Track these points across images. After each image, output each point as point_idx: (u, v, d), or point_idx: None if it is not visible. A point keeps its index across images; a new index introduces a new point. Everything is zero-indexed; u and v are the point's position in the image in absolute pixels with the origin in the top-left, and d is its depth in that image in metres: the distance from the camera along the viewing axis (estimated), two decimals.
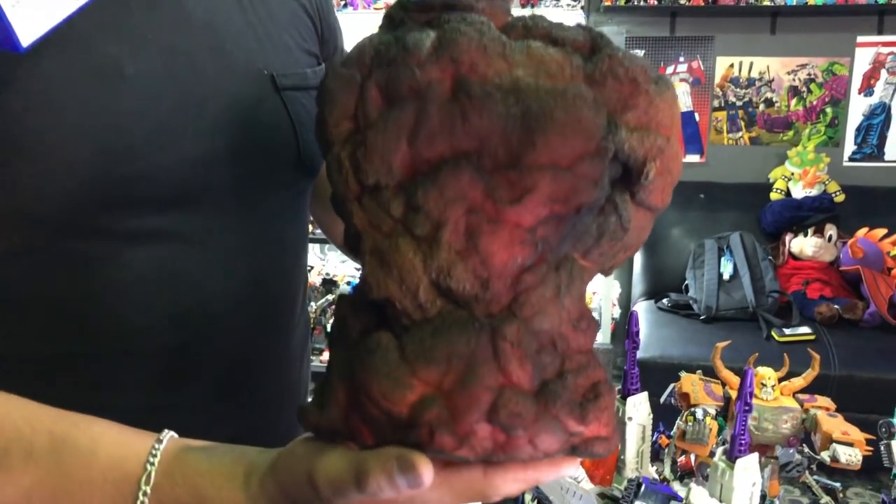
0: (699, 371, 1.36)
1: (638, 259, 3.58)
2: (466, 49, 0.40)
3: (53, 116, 0.57)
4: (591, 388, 0.46)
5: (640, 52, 3.58)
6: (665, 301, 3.33)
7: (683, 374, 1.32)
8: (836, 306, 3.09)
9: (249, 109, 0.70)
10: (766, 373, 1.29)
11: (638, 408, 1.15)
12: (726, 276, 3.25)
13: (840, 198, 3.46)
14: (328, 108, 0.46)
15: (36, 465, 0.53)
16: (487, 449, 0.45)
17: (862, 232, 3.23)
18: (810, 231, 3.33)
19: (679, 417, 1.21)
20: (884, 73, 3.48)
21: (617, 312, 3.60)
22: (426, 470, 0.43)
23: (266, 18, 0.73)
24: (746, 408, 1.02)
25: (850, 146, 3.58)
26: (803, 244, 3.31)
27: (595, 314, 3.57)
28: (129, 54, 0.60)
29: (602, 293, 3.51)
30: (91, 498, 0.53)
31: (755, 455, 1.06)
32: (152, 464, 0.52)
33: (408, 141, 0.41)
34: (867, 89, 3.51)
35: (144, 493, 0.51)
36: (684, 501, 1.04)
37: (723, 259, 3.30)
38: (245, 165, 0.69)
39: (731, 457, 1.03)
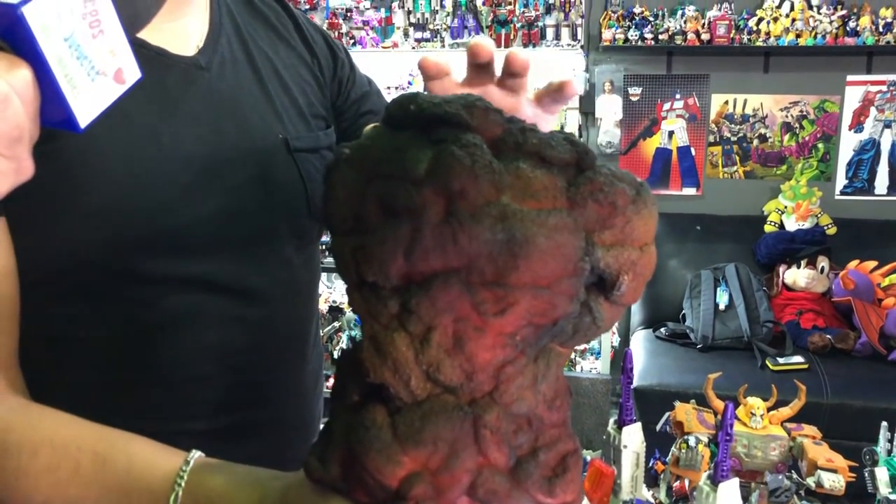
0: (693, 400, 1.40)
1: None
2: (458, 176, 0.44)
3: (98, 172, 0.65)
4: (560, 462, 0.50)
5: (637, 90, 3.63)
6: (663, 330, 3.35)
7: (678, 404, 1.36)
8: (828, 336, 3.11)
9: (266, 169, 0.78)
10: (756, 402, 1.33)
11: (632, 437, 1.21)
12: (722, 307, 3.27)
13: (832, 230, 3.48)
14: (332, 205, 0.51)
15: (81, 479, 0.59)
16: None
17: (853, 264, 3.25)
18: (803, 263, 3.34)
19: (674, 445, 1.25)
20: (873, 111, 3.51)
21: (616, 341, 3.63)
22: None
23: (280, 90, 0.82)
24: (728, 437, 1.07)
25: (841, 181, 3.60)
26: (796, 275, 3.33)
27: (594, 343, 3.60)
28: (165, 125, 0.69)
29: None
30: None
31: (736, 480, 1.10)
32: (180, 485, 0.57)
33: (404, 254, 0.45)
34: (857, 126, 3.54)
35: None
36: None
37: (718, 290, 3.32)
38: (262, 219, 0.76)
39: (715, 481, 1.08)
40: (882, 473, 1.33)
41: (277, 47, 0.85)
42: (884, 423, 1.42)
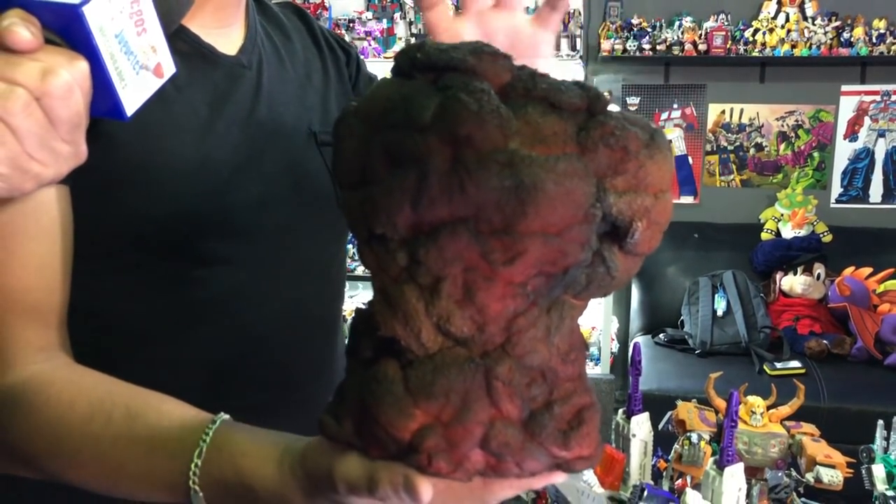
0: (693, 401, 1.41)
1: (635, 296, 3.60)
2: (465, 122, 0.43)
3: (155, 153, 0.68)
4: (575, 416, 0.49)
5: (635, 100, 3.64)
6: (662, 336, 3.35)
7: (680, 403, 1.37)
8: (825, 341, 3.11)
9: (297, 161, 0.82)
10: (756, 401, 1.34)
11: (641, 426, 1.24)
12: (720, 313, 3.27)
13: (828, 238, 3.48)
14: (338, 157, 0.50)
15: (112, 431, 0.61)
16: (480, 471, 0.49)
17: (848, 271, 3.25)
18: (800, 270, 3.35)
19: (676, 442, 1.27)
20: (867, 120, 3.52)
21: (616, 347, 3.62)
22: (426, 491, 0.47)
23: (308, 87, 0.88)
24: (732, 424, 1.09)
25: (836, 189, 3.61)
26: (793, 282, 3.33)
27: (594, 349, 3.59)
28: (217, 115, 0.74)
29: (601, 328, 3.53)
30: (154, 463, 0.60)
31: (741, 464, 1.12)
32: (205, 441, 0.58)
33: (410, 204, 0.44)
34: (852, 135, 3.55)
35: (196, 465, 0.58)
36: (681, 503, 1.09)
37: (716, 296, 3.32)
38: (294, 206, 0.80)
39: (721, 465, 1.10)
40: (879, 470, 1.34)
41: (299, 49, 0.91)
42: (880, 422, 1.43)
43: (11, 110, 0.48)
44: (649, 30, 3.51)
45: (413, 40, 3.64)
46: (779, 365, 3.00)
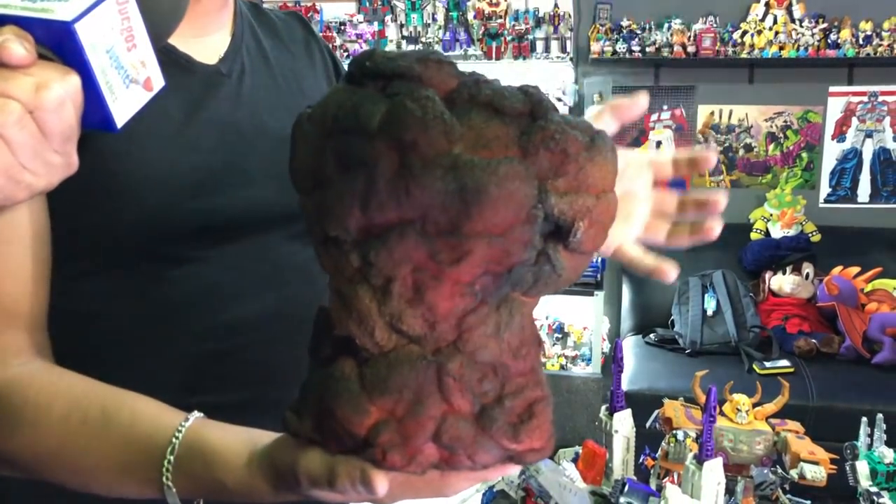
0: (681, 399, 1.42)
1: (626, 296, 3.61)
2: (410, 128, 0.45)
3: (131, 162, 0.70)
4: (526, 409, 0.51)
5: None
6: (652, 336, 3.35)
7: (667, 401, 1.38)
8: (813, 340, 3.12)
9: (280, 165, 0.83)
10: (741, 399, 1.35)
11: (623, 422, 1.24)
12: (710, 312, 3.27)
13: (816, 238, 3.49)
14: (294, 161, 0.52)
15: (88, 429, 0.63)
16: (433, 464, 0.50)
17: (837, 270, 3.26)
18: (789, 269, 3.35)
19: (663, 440, 1.27)
20: (854, 121, 3.52)
21: (607, 347, 3.63)
22: (380, 484, 0.49)
23: (297, 92, 0.89)
24: (711, 419, 1.10)
25: (825, 189, 3.61)
26: (782, 282, 3.34)
27: (586, 349, 3.60)
28: (191, 122, 0.75)
29: (592, 328, 3.54)
30: (128, 459, 0.62)
31: (720, 458, 1.13)
32: (177, 438, 0.61)
33: (360, 207, 0.46)
34: (840, 135, 3.55)
35: (169, 462, 0.60)
36: (661, 497, 1.10)
37: (706, 296, 3.33)
38: (278, 207, 0.81)
39: (700, 460, 1.11)
40: (862, 467, 1.35)
41: (292, 56, 0.93)
42: (864, 419, 1.44)
43: (6, 123, 0.50)
44: (639, 32, 3.51)
45: (404, 42, 3.66)
46: (768, 364, 3.00)
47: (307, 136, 0.50)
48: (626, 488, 1.13)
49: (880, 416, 1.43)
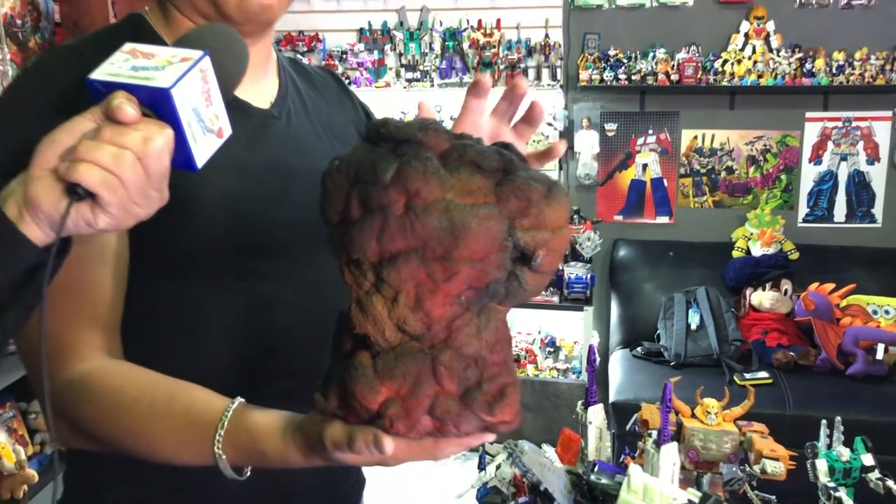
0: (657, 404, 1.57)
1: (614, 311, 3.74)
2: (414, 180, 0.61)
3: (201, 190, 0.85)
4: (499, 391, 0.66)
5: (613, 126, 3.81)
6: (639, 349, 3.46)
7: (644, 405, 1.53)
8: (791, 353, 3.23)
9: (318, 197, 0.99)
10: (711, 403, 1.49)
11: (596, 415, 1.39)
12: (693, 327, 3.40)
13: (795, 255, 3.61)
14: (326, 203, 0.68)
15: (155, 409, 0.78)
16: (429, 432, 0.66)
17: (813, 286, 3.37)
18: (768, 286, 3.47)
19: (640, 440, 1.41)
20: (830, 145, 3.67)
21: (597, 361, 3.76)
22: (388, 445, 0.64)
23: (330, 135, 1.05)
24: (667, 409, 1.26)
25: (803, 209, 3.75)
26: (762, 297, 3.46)
27: (577, 362, 3.74)
28: (249, 157, 0.90)
29: (583, 342, 3.68)
30: (187, 434, 0.77)
31: (675, 444, 1.28)
32: (226, 416, 0.76)
33: (376, 238, 0.61)
34: (816, 158, 3.70)
35: (220, 435, 0.75)
36: (626, 475, 1.25)
37: (690, 311, 3.45)
38: (317, 231, 0.93)
39: (658, 444, 1.26)
40: (822, 465, 1.48)
41: (326, 104, 1.09)
42: (823, 421, 1.57)
43: (123, 167, 0.63)
44: (625, 61, 3.65)
45: (402, 70, 3.82)
46: (748, 375, 3.12)
47: (336, 183, 0.66)
48: (597, 468, 1.29)
49: (838, 418, 1.56)
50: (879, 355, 3.12)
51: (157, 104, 0.66)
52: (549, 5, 3.71)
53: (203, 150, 0.71)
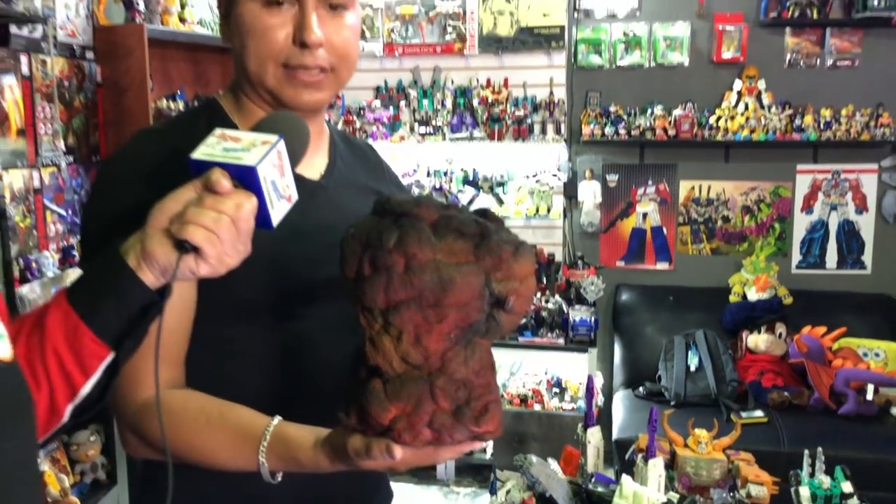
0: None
1: (617, 353, 3.88)
2: (411, 246, 0.78)
3: (260, 247, 0.96)
4: (484, 407, 0.83)
5: (614, 177, 3.99)
6: (641, 389, 3.60)
7: (641, 435, 1.68)
8: (786, 393, 3.35)
9: None
10: (701, 433, 1.66)
11: (594, 435, 1.59)
12: (692, 368, 3.52)
13: (789, 300, 3.73)
14: (344, 263, 0.85)
15: (210, 426, 0.96)
16: (429, 441, 0.83)
17: (806, 329, 3.48)
18: (763, 329, 3.60)
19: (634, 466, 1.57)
20: (820, 196, 3.82)
21: (601, 401, 3.89)
22: (398, 452, 0.82)
23: (369, 203, 1.19)
24: (653, 429, 1.46)
25: (796, 256, 3.89)
26: (758, 340, 3.58)
27: (582, 402, 3.87)
28: (300, 220, 1.02)
29: (587, 384, 3.80)
30: (237, 446, 0.95)
31: (661, 458, 1.45)
32: (268, 431, 0.93)
33: (384, 291, 0.79)
34: (808, 208, 3.84)
35: (263, 447, 0.93)
36: (618, 485, 1.42)
37: (689, 353, 3.58)
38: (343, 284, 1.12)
39: (646, 458, 1.45)
40: (805, 491, 1.63)
41: (370, 174, 1.26)
42: (806, 451, 1.71)
43: (221, 228, 0.80)
44: (625, 117, 3.82)
45: (416, 125, 4.02)
46: (744, 414, 3.24)
47: (351, 247, 0.84)
48: (594, 479, 1.47)
49: (819, 449, 1.70)
50: (870, 395, 3.24)
51: (245, 178, 0.83)
52: (554, 65, 3.91)
53: (278, 213, 0.87)
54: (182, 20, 3.36)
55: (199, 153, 0.84)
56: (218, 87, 3.91)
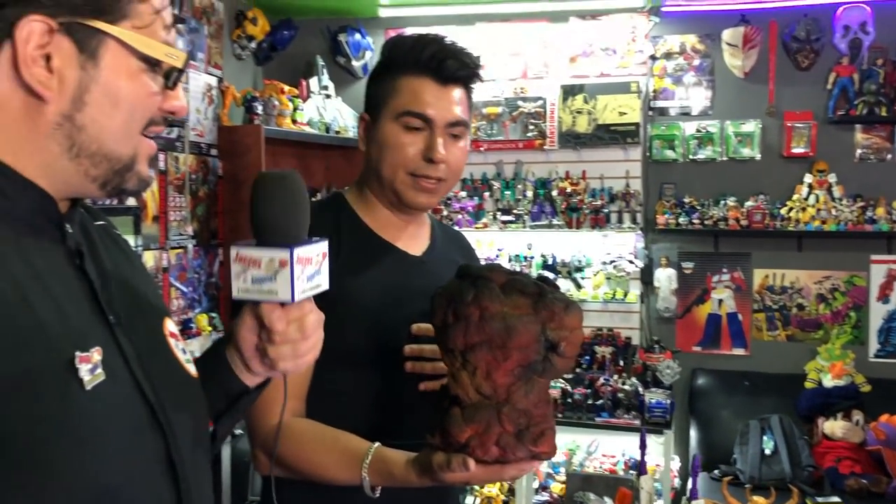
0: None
1: (693, 436, 3.93)
2: (485, 300, 1.02)
3: (368, 304, 1.28)
4: (540, 433, 1.04)
5: (690, 265, 4.11)
6: (716, 472, 3.63)
7: (704, 499, 1.84)
8: (864, 481, 3.34)
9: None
10: (759, 499, 1.80)
11: (646, 482, 1.75)
12: (767, 452, 3.55)
13: (866, 388, 3.73)
14: (433, 315, 1.08)
15: (324, 448, 1.20)
16: (496, 458, 1.04)
17: (884, 417, 3.47)
18: (839, 415, 3.61)
19: None
20: None
21: (677, 483, 3.92)
22: (472, 465, 1.03)
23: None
24: (695, 472, 1.57)
25: (874, 345, 3.89)
26: (834, 426, 3.59)
27: (657, 484, 3.92)
28: (402, 286, 1.35)
29: (664, 466, 3.85)
30: (345, 464, 1.18)
31: (703, 500, 1.59)
32: (370, 452, 1.16)
33: (463, 336, 1.02)
34: (884, 297, 3.87)
35: (366, 465, 1.15)
36: None
37: (765, 437, 3.62)
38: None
39: (690, 500, 1.58)
40: None
41: (460, 253, 1.52)
42: None
43: (298, 352, 0.93)
44: (699, 207, 3.97)
45: (498, 213, 4.26)
46: (820, 499, 3.24)
47: (439, 302, 1.07)
48: None
49: None
50: None
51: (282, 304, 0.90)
52: (630, 159, 4.12)
53: (301, 287, 0.90)
54: (294, 121, 3.76)
55: (238, 291, 0.89)
56: (322, 179, 4.30)
